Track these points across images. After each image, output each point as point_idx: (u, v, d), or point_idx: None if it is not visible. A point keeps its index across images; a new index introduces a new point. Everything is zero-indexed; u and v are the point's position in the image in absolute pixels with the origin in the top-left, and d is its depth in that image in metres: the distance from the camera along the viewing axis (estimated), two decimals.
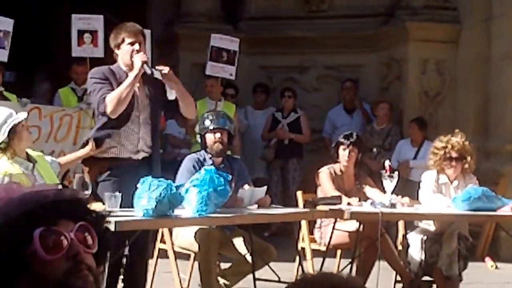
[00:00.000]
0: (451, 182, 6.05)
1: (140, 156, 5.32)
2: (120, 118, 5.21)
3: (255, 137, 9.63)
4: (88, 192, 4.67)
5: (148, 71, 5.20)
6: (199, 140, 5.89)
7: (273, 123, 9.59)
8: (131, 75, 5.17)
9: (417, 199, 6.11)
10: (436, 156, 6.02)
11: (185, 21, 10.50)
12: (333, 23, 10.27)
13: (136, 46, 5.26)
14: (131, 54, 5.24)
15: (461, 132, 6.15)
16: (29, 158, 5.02)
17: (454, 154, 5.97)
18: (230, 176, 5.25)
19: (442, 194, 6.00)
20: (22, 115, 5.06)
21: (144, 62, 5.17)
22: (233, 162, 6.00)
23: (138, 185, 4.77)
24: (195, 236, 5.47)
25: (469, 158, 5.98)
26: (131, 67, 5.24)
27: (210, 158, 5.78)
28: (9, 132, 4.88)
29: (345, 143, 6.30)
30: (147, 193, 4.71)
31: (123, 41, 5.30)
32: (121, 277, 5.31)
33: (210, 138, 5.77)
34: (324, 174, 6.28)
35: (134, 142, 5.28)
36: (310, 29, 10.29)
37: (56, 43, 10.19)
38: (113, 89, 5.18)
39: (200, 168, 5.40)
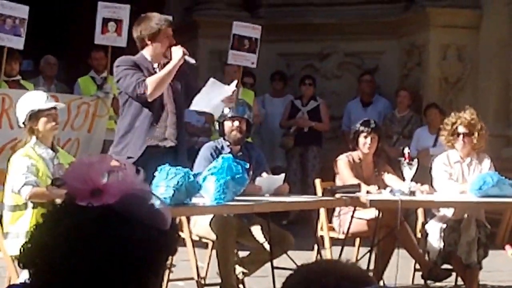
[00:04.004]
0: (463, 160, 6.03)
1: (168, 144, 5.33)
2: (156, 108, 5.26)
3: (273, 125, 9.59)
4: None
5: (191, 61, 5.31)
6: (217, 127, 5.88)
7: (292, 110, 9.55)
8: (171, 63, 5.23)
9: (432, 186, 6.07)
10: (445, 131, 6.06)
11: (203, 7, 10.47)
12: (353, 9, 10.20)
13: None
14: (166, 47, 5.28)
15: (482, 119, 6.13)
16: (53, 147, 5.13)
17: (462, 129, 5.97)
18: (248, 164, 5.23)
19: (456, 174, 5.99)
20: (60, 106, 5.26)
21: (185, 54, 5.23)
22: (251, 149, 5.98)
23: (155, 174, 4.77)
24: (212, 225, 5.46)
25: (477, 134, 5.95)
26: (158, 58, 5.29)
27: (228, 146, 5.77)
28: (31, 116, 5.01)
29: (365, 131, 6.21)
30: (165, 181, 4.71)
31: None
32: None
33: (228, 125, 5.76)
34: (342, 162, 6.23)
35: (161, 130, 5.30)
36: (330, 15, 10.22)
37: (75, 32, 10.19)
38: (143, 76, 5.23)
39: (217, 156, 5.39)
